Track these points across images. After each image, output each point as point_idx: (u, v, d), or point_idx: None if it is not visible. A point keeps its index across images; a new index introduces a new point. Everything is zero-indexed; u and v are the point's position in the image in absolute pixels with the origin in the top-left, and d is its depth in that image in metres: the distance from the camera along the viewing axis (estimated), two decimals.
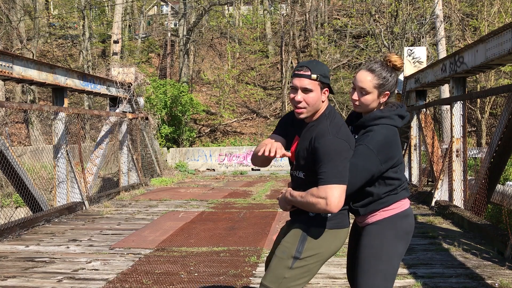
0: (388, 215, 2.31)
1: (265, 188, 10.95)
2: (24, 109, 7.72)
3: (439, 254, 5.00)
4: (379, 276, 2.27)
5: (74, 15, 29.16)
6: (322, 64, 2.29)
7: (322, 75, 2.24)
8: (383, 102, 2.35)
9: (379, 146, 2.21)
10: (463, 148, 7.18)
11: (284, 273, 2.27)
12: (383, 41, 17.38)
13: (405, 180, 2.40)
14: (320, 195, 2.12)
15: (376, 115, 2.30)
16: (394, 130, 2.30)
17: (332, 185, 2.10)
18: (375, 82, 2.29)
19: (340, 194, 2.11)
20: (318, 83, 2.24)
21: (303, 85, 2.24)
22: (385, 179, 2.29)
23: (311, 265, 2.29)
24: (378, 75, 2.29)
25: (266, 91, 25.82)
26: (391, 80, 2.31)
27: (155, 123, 13.50)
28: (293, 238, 2.33)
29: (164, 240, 5.78)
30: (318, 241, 2.29)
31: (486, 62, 6.11)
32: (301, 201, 2.22)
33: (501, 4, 16.66)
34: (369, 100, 2.31)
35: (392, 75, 2.32)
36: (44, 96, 25.15)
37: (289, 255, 2.29)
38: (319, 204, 2.12)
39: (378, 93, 2.31)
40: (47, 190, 10.61)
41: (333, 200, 2.09)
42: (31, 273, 4.50)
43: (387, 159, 2.24)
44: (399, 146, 2.34)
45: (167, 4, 36.35)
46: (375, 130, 2.25)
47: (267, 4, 32.75)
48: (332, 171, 2.12)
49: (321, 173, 2.14)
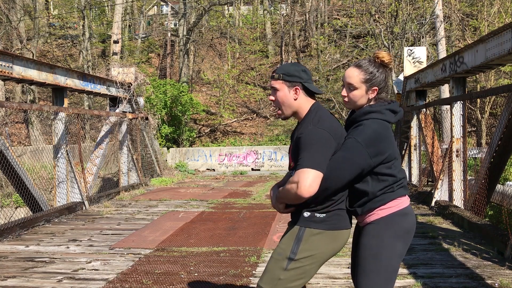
0: (386, 214, 2.28)
1: (265, 188, 10.95)
2: (24, 109, 7.72)
3: (439, 254, 5.00)
4: (379, 276, 2.26)
5: (74, 15, 29.16)
6: (291, 65, 2.37)
7: (285, 74, 2.34)
8: (373, 97, 2.36)
9: (368, 139, 2.20)
10: (463, 148, 7.18)
11: (279, 275, 2.26)
12: (383, 41, 17.38)
13: (403, 177, 2.36)
14: (293, 180, 2.14)
15: (366, 110, 2.32)
16: (385, 124, 2.29)
17: (304, 169, 2.10)
18: (361, 77, 2.32)
19: (313, 179, 2.09)
20: (281, 81, 2.34)
21: (270, 85, 2.42)
22: (378, 174, 2.27)
23: (307, 266, 2.27)
24: (365, 70, 2.33)
25: (266, 91, 25.82)
26: (378, 76, 2.33)
27: (155, 123, 13.50)
28: (289, 239, 2.31)
29: (164, 240, 5.78)
30: (313, 242, 2.27)
31: (486, 62, 6.11)
32: (283, 193, 2.25)
33: (501, 4, 16.66)
34: (357, 95, 2.34)
35: (379, 71, 2.34)
36: (44, 96, 25.15)
37: (284, 256, 2.27)
38: (292, 189, 2.14)
39: (365, 88, 2.33)
40: (47, 190, 10.61)
41: (304, 183, 2.08)
42: (31, 273, 4.50)
43: (377, 153, 2.21)
44: (392, 141, 2.31)
45: (167, 4, 36.35)
46: (364, 124, 2.26)
47: (267, 4, 32.75)
48: (307, 157, 2.13)
49: (299, 159, 2.15)
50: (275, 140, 20.18)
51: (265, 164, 15.75)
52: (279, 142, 19.43)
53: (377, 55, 2.36)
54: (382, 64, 2.36)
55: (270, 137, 20.84)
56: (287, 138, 20.02)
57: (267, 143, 19.73)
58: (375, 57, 2.37)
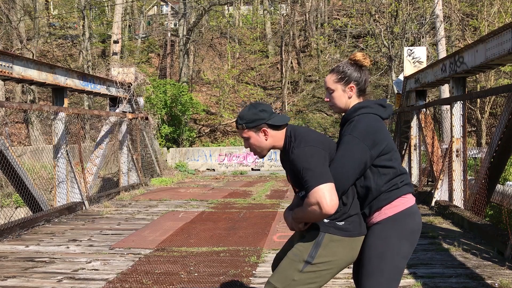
0: (392, 213, 2.28)
1: (265, 188, 10.95)
2: (24, 109, 7.72)
3: (439, 254, 5.00)
4: (382, 277, 2.25)
5: (74, 15, 29.16)
6: (248, 109, 2.36)
7: (247, 122, 2.35)
8: (353, 95, 2.42)
9: (363, 132, 2.23)
10: (463, 148, 7.17)
11: (294, 275, 2.25)
12: (383, 41, 17.38)
13: (404, 172, 2.36)
14: (311, 202, 2.10)
15: (355, 107, 2.38)
16: (376, 117, 2.33)
17: (317, 187, 2.08)
18: (334, 78, 2.44)
19: (330, 193, 2.08)
20: (247, 130, 2.37)
21: (241, 135, 2.43)
22: (377, 167, 2.27)
23: (323, 271, 2.26)
24: (336, 72, 2.45)
25: (266, 91, 25.83)
26: (351, 73, 2.42)
27: (155, 123, 13.50)
28: (307, 242, 2.30)
29: (164, 240, 5.78)
30: (332, 248, 2.26)
31: (486, 62, 6.10)
32: (303, 217, 2.23)
33: (501, 4, 16.67)
34: (336, 96, 2.44)
35: (352, 68, 2.43)
36: (44, 96, 25.16)
37: (301, 258, 2.26)
38: (315, 212, 2.11)
39: (341, 87, 2.42)
40: (47, 190, 10.61)
41: (325, 201, 2.06)
42: (31, 273, 4.50)
43: (374, 144, 2.23)
44: (386, 132, 2.34)
45: (167, 4, 36.36)
46: (356, 119, 2.31)
47: (267, 4, 32.76)
48: (311, 176, 2.11)
49: (304, 182, 2.14)
50: None
51: (265, 164, 15.75)
52: None
53: (351, 56, 2.47)
54: (356, 63, 2.44)
55: None
56: None
57: None
58: (350, 59, 2.47)
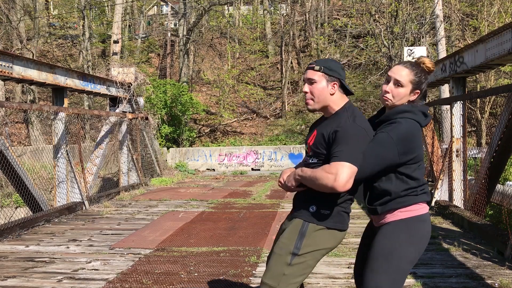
0: (405, 217, 2.27)
1: (265, 188, 10.95)
2: (24, 109, 7.72)
3: (439, 254, 5.00)
4: (386, 277, 2.24)
5: (74, 15, 29.16)
6: (331, 60, 2.38)
7: (326, 67, 2.33)
8: (412, 100, 2.39)
9: (400, 136, 2.21)
10: (463, 148, 7.18)
11: (284, 270, 2.26)
12: (383, 41, 17.38)
13: (425, 183, 2.35)
14: (331, 170, 2.12)
15: (401, 109, 2.34)
16: (417, 125, 2.31)
17: (344, 163, 2.11)
18: (411, 77, 2.35)
19: (350, 175, 2.10)
20: (321, 74, 2.33)
21: (307, 76, 2.37)
22: (403, 175, 2.27)
23: (309, 261, 2.29)
24: (415, 72, 2.36)
25: (266, 91, 25.82)
26: (423, 81, 2.38)
27: (155, 123, 13.50)
28: (292, 234, 2.31)
29: (164, 240, 5.78)
30: (316, 238, 2.28)
31: (486, 62, 6.11)
32: (310, 176, 2.21)
33: (501, 4, 16.66)
34: (402, 94, 2.36)
35: (424, 76, 2.38)
36: (44, 96, 25.16)
37: (287, 251, 2.28)
38: (327, 179, 2.12)
39: (411, 88, 2.36)
40: (47, 190, 10.61)
41: (342, 177, 2.09)
42: (31, 273, 4.50)
43: (406, 152, 2.22)
44: (420, 142, 2.33)
45: (167, 4, 36.37)
46: (399, 121, 2.27)
47: (267, 4, 32.75)
48: (347, 151, 2.13)
49: (336, 151, 2.15)
50: (275, 140, 20.19)
51: (265, 164, 15.75)
52: (279, 142, 19.44)
53: (423, 61, 2.39)
54: (426, 70, 2.40)
55: (270, 137, 20.85)
56: (287, 138, 20.04)
57: (267, 143, 19.73)
58: (421, 62, 2.39)
